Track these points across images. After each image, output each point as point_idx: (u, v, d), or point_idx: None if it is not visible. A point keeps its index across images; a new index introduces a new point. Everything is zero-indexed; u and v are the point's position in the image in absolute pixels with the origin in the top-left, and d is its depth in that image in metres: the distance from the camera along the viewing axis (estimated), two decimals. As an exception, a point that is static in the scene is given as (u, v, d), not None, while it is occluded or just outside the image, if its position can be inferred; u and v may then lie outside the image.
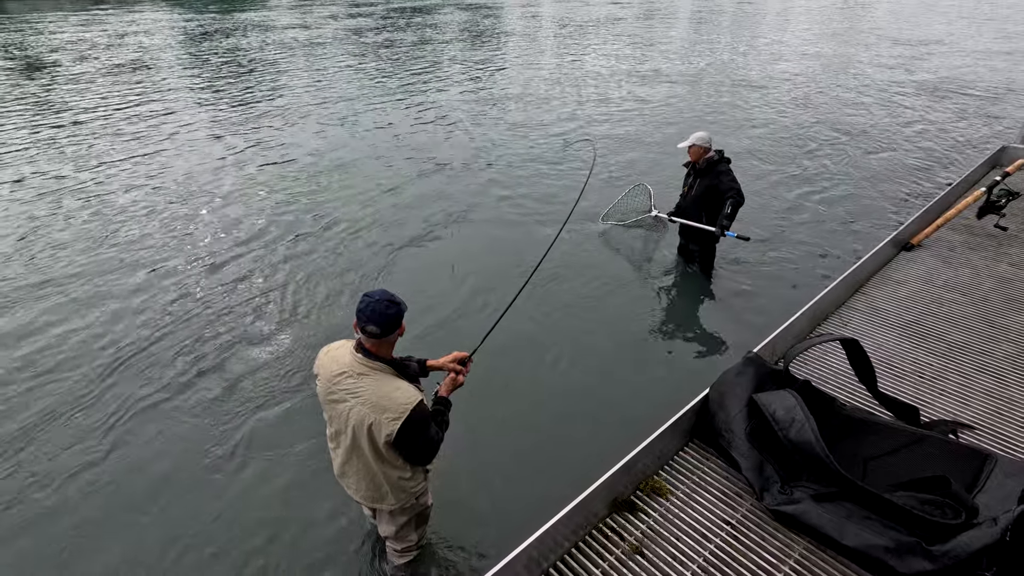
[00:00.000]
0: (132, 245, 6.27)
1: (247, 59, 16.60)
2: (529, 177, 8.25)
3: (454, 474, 3.28)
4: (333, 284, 5.58)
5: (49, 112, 11.29)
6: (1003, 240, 5.19)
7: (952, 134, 10.49)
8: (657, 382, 4.35)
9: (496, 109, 11.70)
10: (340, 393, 2.20)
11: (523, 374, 4.36)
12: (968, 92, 13.47)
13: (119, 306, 5.20)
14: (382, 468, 2.29)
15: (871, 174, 8.55)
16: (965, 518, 2.23)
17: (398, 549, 2.76)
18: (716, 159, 5.05)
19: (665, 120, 11.17)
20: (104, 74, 14.40)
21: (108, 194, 7.59)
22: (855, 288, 4.47)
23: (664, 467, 2.87)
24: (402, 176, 8.30)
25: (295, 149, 9.35)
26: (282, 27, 23.23)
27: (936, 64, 16.82)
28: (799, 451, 2.58)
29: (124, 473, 3.57)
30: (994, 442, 3.00)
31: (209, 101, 12.17)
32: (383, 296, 2.14)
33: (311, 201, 7.42)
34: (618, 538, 2.51)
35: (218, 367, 4.46)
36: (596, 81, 14.35)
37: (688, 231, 5.52)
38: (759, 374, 3.03)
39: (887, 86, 14.08)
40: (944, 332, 3.94)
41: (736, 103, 12.43)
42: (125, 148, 9.30)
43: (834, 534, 2.33)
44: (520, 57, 17.63)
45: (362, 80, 14.08)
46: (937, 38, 21.37)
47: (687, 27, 25.26)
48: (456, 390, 2.52)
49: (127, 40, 19.71)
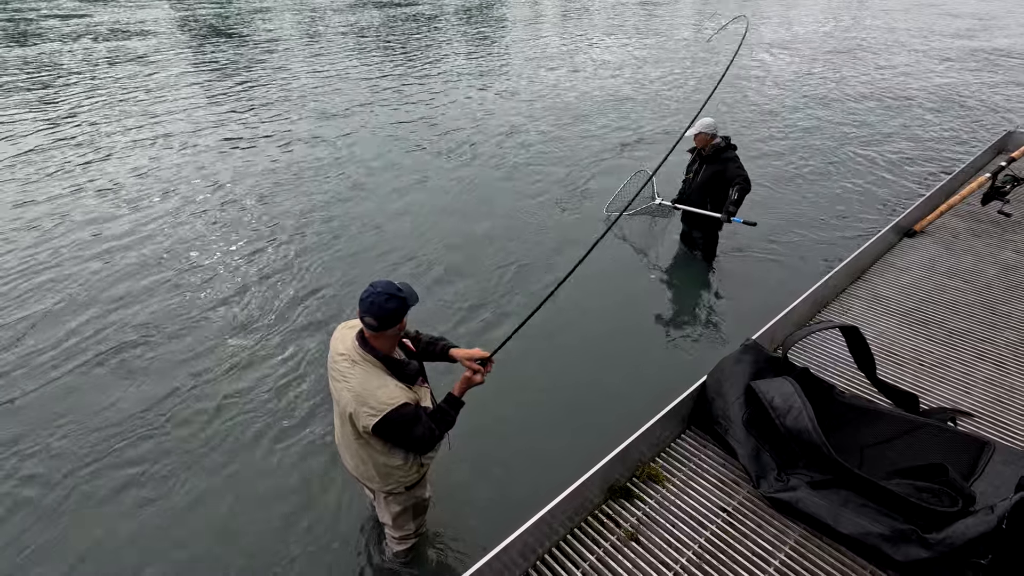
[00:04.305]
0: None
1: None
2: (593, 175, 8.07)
3: (451, 461, 3.28)
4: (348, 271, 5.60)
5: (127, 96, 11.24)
6: (1007, 227, 5.14)
7: (958, 119, 10.37)
8: (655, 369, 4.34)
9: (531, 106, 11.38)
10: (336, 373, 2.23)
11: (521, 361, 4.35)
12: (974, 81, 13.27)
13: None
14: (367, 451, 2.31)
15: (874, 159, 8.45)
16: (962, 506, 2.22)
17: (396, 537, 2.77)
18: (723, 146, 4.98)
19: (670, 109, 11.06)
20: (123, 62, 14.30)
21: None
22: (856, 275, 4.44)
23: (661, 454, 2.86)
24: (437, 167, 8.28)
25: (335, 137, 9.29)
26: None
27: (944, 47, 16.58)
28: (796, 438, 2.57)
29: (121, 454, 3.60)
30: (994, 430, 2.99)
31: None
32: (385, 288, 2.09)
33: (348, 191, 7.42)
34: (614, 524, 2.52)
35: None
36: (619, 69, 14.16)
37: (692, 218, 5.46)
38: (758, 361, 3.01)
39: (891, 72, 13.89)
40: (946, 319, 3.91)
41: (737, 87, 12.29)
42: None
43: (830, 521, 2.33)
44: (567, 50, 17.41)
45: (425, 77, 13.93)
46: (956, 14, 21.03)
47: (691, 5, 24.94)
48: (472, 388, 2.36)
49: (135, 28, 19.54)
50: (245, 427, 3.81)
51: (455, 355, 2.42)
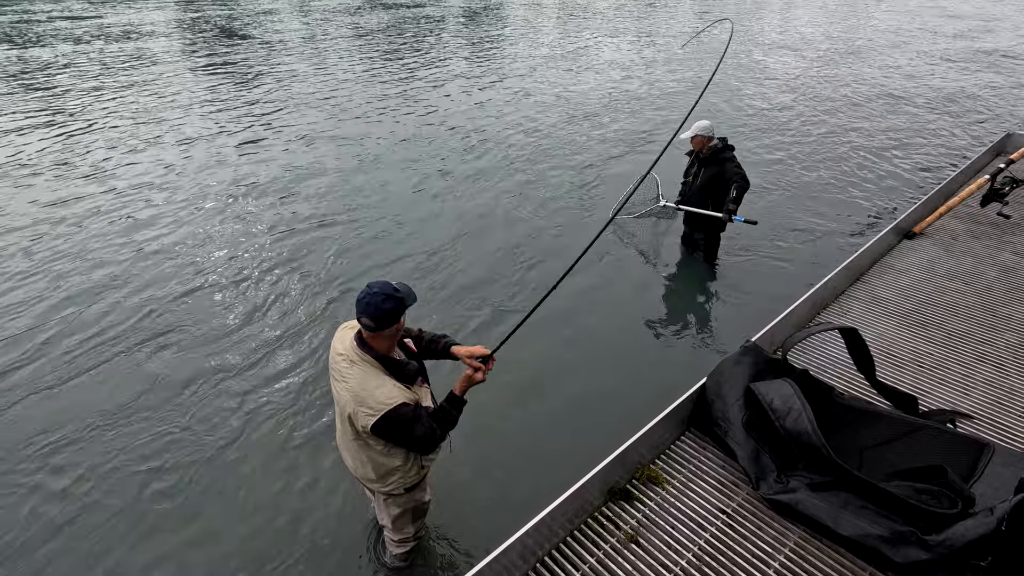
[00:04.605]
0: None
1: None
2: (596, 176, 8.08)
3: (451, 463, 3.28)
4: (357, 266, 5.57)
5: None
6: (1006, 228, 5.15)
7: (957, 121, 10.38)
8: (655, 370, 4.34)
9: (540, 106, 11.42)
10: (336, 373, 2.23)
11: (521, 362, 4.35)
12: (979, 83, 13.30)
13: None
14: (366, 452, 2.31)
15: (874, 161, 8.46)
16: (961, 508, 2.22)
17: (395, 540, 2.77)
18: (720, 147, 4.99)
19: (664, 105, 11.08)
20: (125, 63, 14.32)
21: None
22: (856, 276, 4.44)
23: (660, 456, 2.86)
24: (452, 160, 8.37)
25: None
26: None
27: (944, 48, 16.62)
28: (795, 440, 2.57)
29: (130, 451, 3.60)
30: (993, 432, 2.99)
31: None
32: (382, 289, 2.09)
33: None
34: (613, 527, 2.52)
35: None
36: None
37: (694, 219, 5.47)
38: (757, 363, 3.01)
39: (891, 73, 13.92)
40: (945, 321, 3.91)
41: (736, 89, 12.30)
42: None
43: (829, 523, 2.33)
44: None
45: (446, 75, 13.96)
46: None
47: (691, 8, 24.99)
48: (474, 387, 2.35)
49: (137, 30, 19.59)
50: (256, 426, 3.83)
51: (456, 352, 2.41)
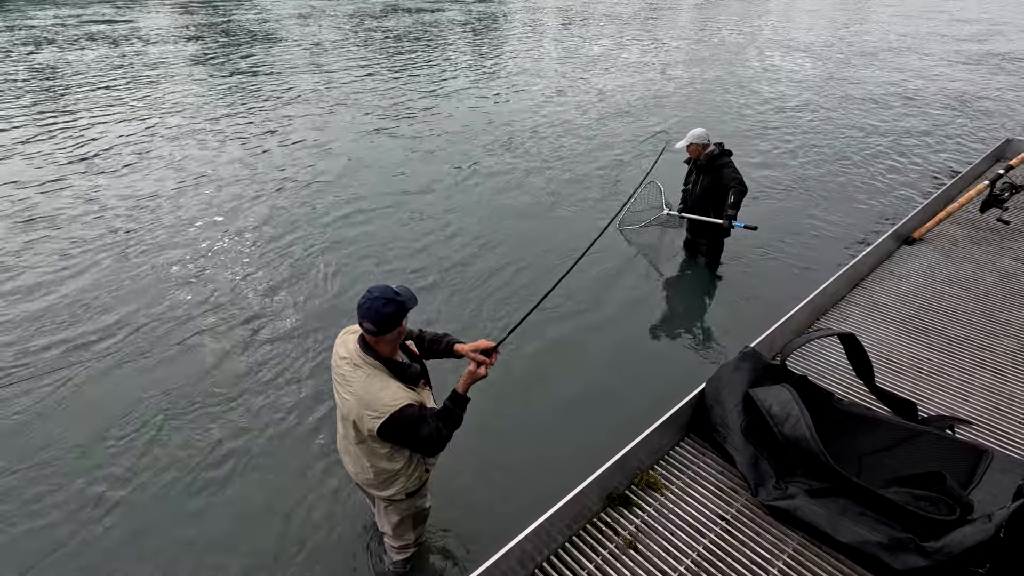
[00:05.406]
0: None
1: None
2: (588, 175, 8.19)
3: (450, 469, 3.28)
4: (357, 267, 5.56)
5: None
6: (1006, 234, 5.15)
7: (957, 126, 10.40)
8: (654, 376, 4.34)
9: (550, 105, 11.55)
10: (339, 378, 2.24)
11: (521, 366, 4.36)
12: (980, 87, 13.33)
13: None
14: (369, 456, 2.31)
15: (873, 166, 8.47)
16: (960, 514, 2.22)
17: (395, 546, 2.76)
18: (717, 153, 5.01)
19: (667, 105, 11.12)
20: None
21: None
22: (855, 282, 4.45)
23: (659, 462, 2.87)
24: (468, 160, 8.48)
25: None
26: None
27: (947, 51, 16.66)
28: (794, 446, 2.57)
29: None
30: (992, 438, 2.99)
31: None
32: (382, 293, 2.10)
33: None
34: (612, 532, 2.52)
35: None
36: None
37: (697, 226, 5.50)
38: (756, 369, 3.01)
39: (891, 76, 13.95)
40: (944, 327, 3.91)
41: (736, 92, 12.33)
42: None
43: (828, 529, 2.33)
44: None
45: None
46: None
47: (690, 17, 25.08)
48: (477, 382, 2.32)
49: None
50: (261, 430, 3.83)
51: (460, 350, 2.41)
